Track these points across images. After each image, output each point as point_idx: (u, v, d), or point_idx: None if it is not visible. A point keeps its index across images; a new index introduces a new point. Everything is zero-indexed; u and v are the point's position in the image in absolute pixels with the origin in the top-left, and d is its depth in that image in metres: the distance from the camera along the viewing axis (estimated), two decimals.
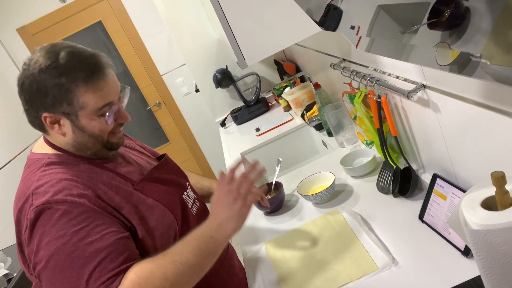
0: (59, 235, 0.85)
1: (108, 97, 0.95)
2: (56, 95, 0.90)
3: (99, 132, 0.98)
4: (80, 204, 0.88)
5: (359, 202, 1.33)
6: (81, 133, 0.97)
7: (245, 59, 1.35)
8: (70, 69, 0.90)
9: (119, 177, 1.02)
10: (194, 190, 1.26)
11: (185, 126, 4.04)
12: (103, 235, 0.87)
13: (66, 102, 0.91)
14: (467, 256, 0.93)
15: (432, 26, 0.54)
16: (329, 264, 1.10)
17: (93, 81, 0.91)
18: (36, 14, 3.58)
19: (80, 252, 0.85)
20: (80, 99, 0.91)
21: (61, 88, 0.90)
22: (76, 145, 0.99)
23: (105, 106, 0.95)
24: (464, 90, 0.84)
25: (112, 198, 0.95)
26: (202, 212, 1.22)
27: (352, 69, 1.41)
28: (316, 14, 0.95)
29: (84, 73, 0.91)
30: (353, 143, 1.71)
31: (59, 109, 0.92)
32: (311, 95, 2.29)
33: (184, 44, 2.90)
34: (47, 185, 0.90)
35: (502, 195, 0.58)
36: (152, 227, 0.99)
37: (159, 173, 1.12)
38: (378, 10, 0.68)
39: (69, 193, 0.89)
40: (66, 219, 0.86)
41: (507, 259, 0.57)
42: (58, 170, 0.95)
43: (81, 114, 0.93)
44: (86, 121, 0.95)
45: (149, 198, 1.02)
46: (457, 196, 0.98)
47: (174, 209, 1.06)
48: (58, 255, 0.85)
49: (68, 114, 0.93)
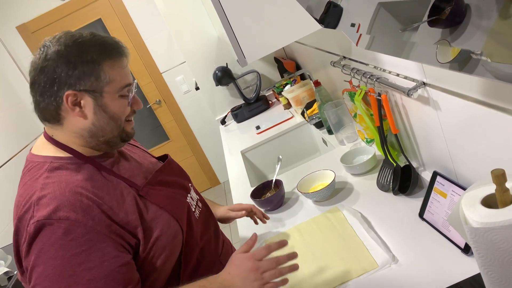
0: (58, 256, 0.82)
1: (128, 77, 0.97)
2: (84, 69, 0.89)
3: (120, 114, 0.96)
4: (83, 224, 0.84)
5: (359, 200, 1.33)
6: (103, 113, 0.94)
7: (245, 57, 1.35)
8: (96, 44, 0.91)
9: (124, 182, 0.98)
10: (196, 191, 1.23)
11: (185, 124, 4.04)
12: (103, 261, 0.84)
13: (94, 76, 0.90)
14: (467, 253, 0.93)
15: (433, 23, 0.54)
16: (329, 261, 1.10)
17: (117, 57, 0.93)
18: (36, 11, 3.58)
19: (77, 278, 0.82)
20: (107, 74, 0.91)
21: (89, 62, 0.89)
22: (93, 129, 0.95)
23: (128, 84, 0.96)
24: (464, 88, 0.84)
25: (118, 213, 0.91)
26: (205, 215, 1.19)
27: (352, 67, 1.41)
28: (317, 11, 0.95)
29: (109, 49, 0.92)
30: (353, 141, 1.71)
31: (84, 85, 0.90)
32: (311, 93, 2.29)
33: (184, 42, 2.90)
34: (50, 196, 0.86)
35: (502, 193, 0.58)
36: (157, 237, 0.95)
37: (163, 176, 1.09)
38: (379, 7, 0.68)
39: (73, 209, 0.85)
40: (67, 240, 0.82)
41: (507, 257, 0.57)
42: (63, 178, 0.90)
43: (106, 90, 0.92)
44: (110, 99, 0.94)
45: (153, 205, 0.99)
46: (457, 194, 0.98)
47: (179, 215, 1.03)
48: (54, 277, 0.81)
49: (92, 91, 0.91)
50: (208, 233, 1.15)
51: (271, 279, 0.92)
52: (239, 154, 2.26)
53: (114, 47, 0.93)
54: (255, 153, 2.29)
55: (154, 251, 0.95)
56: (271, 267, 0.93)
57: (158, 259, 0.96)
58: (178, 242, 1.01)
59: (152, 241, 0.95)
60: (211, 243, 1.15)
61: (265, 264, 0.93)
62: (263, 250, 0.96)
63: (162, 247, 0.96)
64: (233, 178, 2.01)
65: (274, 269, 0.93)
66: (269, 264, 0.93)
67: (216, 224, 1.24)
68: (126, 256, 0.89)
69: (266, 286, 0.92)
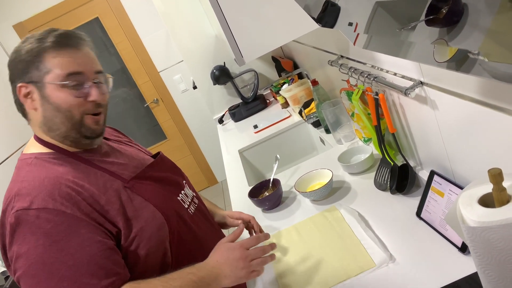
0: (39, 244, 0.82)
1: (76, 66, 0.93)
2: (27, 60, 0.92)
3: (65, 105, 0.93)
4: (61, 212, 0.85)
5: (357, 199, 1.33)
6: (47, 105, 0.93)
7: (242, 56, 1.35)
8: (43, 37, 0.93)
9: (108, 175, 0.99)
10: (192, 188, 1.23)
11: (183, 123, 4.04)
12: (84, 246, 0.84)
13: (35, 66, 0.92)
14: (464, 252, 0.93)
15: (430, 23, 0.54)
16: (327, 261, 1.10)
17: (62, 46, 0.93)
18: (33, 10, 3.56)
19: (59, 265, 0.82)
20: (48, 64, 0.92)
21: (31, 53, 0.92)
22: (46, 122, 0.95)
23: (72, 74, 0.93)
24: (461, 87, 0.84)
25: (98, 200, 0.92)
26: (202, 211, 1.19)
27: (350, 66, 1.41)
28: (314, 10, 0.95)
29: (55, 40, 0.93)
30: (351, 140, 1.71)
31: (29, 77, 0.93)
32: (309, 92, 2.29)
33: (181, 41, 2.89)
34: (29, 187, 0.88)
35: (499, 192, 0.58)
36: (141, 228, 0.96)
37: (154, 171, 1.09)
38: (376, 7, 0.68)
39: (52, 198, 0.86)
40: (46, 228, 0.83)
41: (504, 256, 0.57)
42: (43, 169, 0.92)
43: (47, 80, 0.92)
44: (51, 89, 0.92)
45: (138, 196, 0.99)
46: (455, 193, 0.99)
47: (166, 209, 1.02)
48: (37, 264, 0.82)
49: (36, 82, 0.93)
50: (204, 230, 1.15)
51: (257, 267, 0.98)
52: (236, 153, 2.25)
53: (62, 37, 0.94)
54: (253, 152, 2.29)
55: (138, 242, 0.95)
56: (258, 256, 0.99)
57: (143, 250, 0.96)
58: (163, 235, 1.00)
59: (135, 231, 0.95)
60: (207, 240, 1.14)
61: (252, 252, 0.99)
62: (252, 240, 1.01)
63: (147, 238, 0.96)
64: (231, 177, 2.00)
65: (262, 258, 0.99)
66: (256, 253, 0.99)
67: (213, 221, 1.24)
68: (108, 241, 0.89)
69: (253, 273, 0.97)
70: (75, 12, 3.61)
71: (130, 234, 0.94)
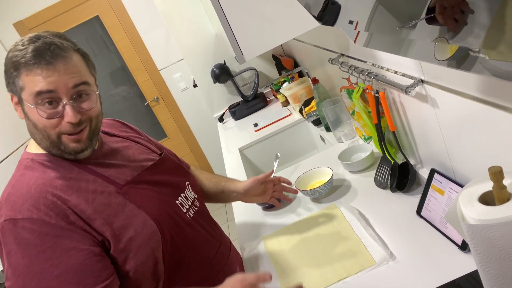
0: (26, 255, 0.83)
1: (46, 84, 0.87)
2: (8, 72, 0.90)
3: (40, 125, 0.90)
4: (46, 222, 0.85)
5: (357, 197, 1.33)
6: (28, 120, 0.93)
7: (243, 54, 1.35)
8: (23, 49, 0.88)
9: (101, 179, 0.97)
10: (195, 189, 1.19)
11: (183, 122, 4.04)
12: (70, 256, 0.85)
13: (12, 81, 0.90)
14: (465, 250, 0.93)
15: (431, 21, 0.54)
16: (327, 259, 1.11)
17: (34, 64, 0.87)
18: (33, 8, 3.56)
19: (46, 275, 0.83)
20: (21, 81, 0.89)
21: (12, 65, 0.89)
22: (31, 134, 0.96)
23: (40, 93, 0.87)
24: (462, 85, 0.84)
25: (84, 209, 0.90)
26: (201, 215, 1.16)
27: (350, 64, 1.41)
28: (314, 8, 0.95)
29: (30, 55, 0.87)
30: (351, 138, 1.71)
31: (11, 89, 0.92)
32: (309, 90, 2.29)
33: (182, 39, 2.89)
34: (17, 194, 0.88)
35: (499, 190, 0.58)
36: (130, 238, 0.94)
37: (151, 175, 1.06)
38: (377, 4, 0.68)
39: (36, 207, 0.86)
40: (32, 238, 0.84)
41: (504, 254, 0.57)
42: (34, 173, 0.92)
43: (23, 96, 0.90)
44: (27, 107, 0.90)
45: (131, 204, 0.97)
46: (455, 191, 0.99)
47: (159, 216, 1.00)
48: (24, 276, 0.83)
49: (17, 96, 0.92)
50: (201, 235, 1.13)
51: None
52: (237, 152, 2.25)
53: (38, 53, 0.87)
54: (253, 150, 2.29)
55: (128, 251, 0.94)
56: None
57: (133, 260, 0.94)
58: (155, 243, 0.98)
59: (124, 241, 0.93)
60: (204, 245, 1.13)
61: None
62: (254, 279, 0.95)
63: (137, 248, 0.95)
64: (231, 175, 2.00)
65: None
66: None
67: (213, 225, 1.22)
68: (94, 249, 0.89)
69: None
70: (75, 10, 3.61)
71: (119, 245, 0.93)
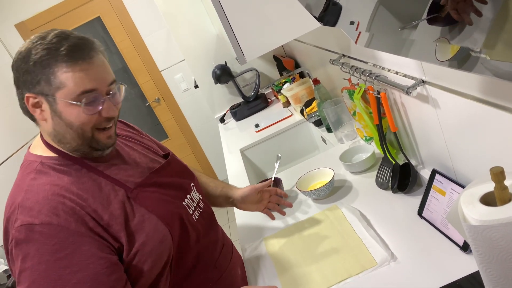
0: (43, 261, 0.82)
1: (90, 82, 0.87)
2: (36, 71, 0.85)
3: (77, 122, 0.89)
4: (65, 227, 0.84)
5: (358, 197, 1.33)
6: (59, 120, 0.89)
7: (244, 55, 1.35)
8: (54, 46, 0.85)
9: (113, 183, 0.96)
10: (200, 190, 1.19)
11: (184, 122, 4.04)
12: (88, 264, 0.84)
13: (44, 79, 0.85)
14: (466, 251, 0.93)
15: (432, 21, 0.54)
16: (328, 259, 1.10)
17: (75, 60, 0.85)
18: (35, 9, 3.57)
19: (63, 282, 0.81)
20: (59, 78, 0.85)
21: (41, 64, 0.85)
22: (57, 135, 0.92)
23: (85, 92, 0.86)
24: (463, 86, 0.84)
25: (101, 215, 0.90)
26: (206, 216, 1.15)
27: (351, 65, 1.41)
28: (316, 9, 0.95)
29: (67, 51, 0.84)
30: (352, 139, 1.71)
31: (39, 88, 0.87)
32: (310, 91, 2.29)
33: (183, 40, 2.89)
34: (33, 199, 0.86)
35: (501, 191, 0.58)
36: (142, 242, 0.93)
37: (159, 177, 1.06)
38: (378, 5, 0.68)
39: (55, 214, 0.84)
40: (50, 244, 0.82)
41: (505, 255, 0.57)
42: (48, 178, 0.90)
43: (59, 96, 0.86)
44: (63, 105, 0.87)
45: (142, 208, 0.96)
46: (456, 191, 0.98)
47: (169, 219, 1.00)
48: (40, 281, 0.81)
49: (46, 95, 0.87)
50: (206, 236, 1.12)
51: None
52: (238, 152, 2.26)
53: (76, 48, 0.86)
54: (254, 151, 2.29)
55: (140, 256, 0.93)
56: None
57: (145, 264, 0.94)
58: (166, 247, 0.98)
59: (137, 246, 0.93)
60: (209, 247, 1.13)
61: None
62: None
63: (148, 253, 0.94)
64: (232, 176, 2.01)
65: None
66: None
67: (217, 226, 1.22)
68: (111, 257, 0.88)
69: None
70: (76, 11, 3.62)
71: (132, 249, 0.92)
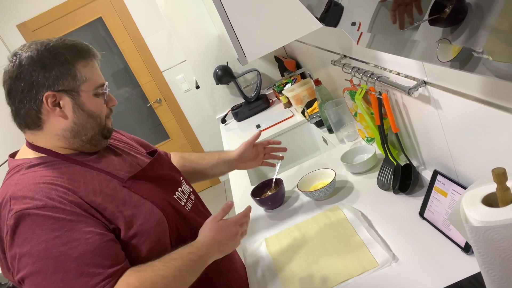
0: (42, 240, 0.84)
1: (102, 77, 1.02)
2: (60, 69, 0.93)
3: (98, 112, 1.00)
4: (61, 208, 0.87)
5: (360, 198, 1.33)
6: (81, 112, 0.98)
7: (245, 56, 1.35)
8: (68, 47, 0.96)
9: (104, 174, 1.00)
10: (189, 183, 1.25)
11: (186, 123, 4.04)
12: (87, 239, 0.86)
13: (71, 76, 0.94)
14: (468, 252, 0.93)
15: (433, 22, 0.54)
16: (329, 260, 1.10)
17: (90, 58, 0.99)
18: (37, 10, 3.57)
19: (64, 258, 0.84)
20: (82, 73, 0.96)
21: (64, 63, 0.93)
22: (75, 128, 0.98)
23: (101, 85, 1.01)
24: (465, 87, 0.84)
25: (94, 199, 0.93)
26: (198, 207, 1.21)
27: (353, 66, 1.41)
28: (317, 10, 0.95)
29: (81, 51, 0.97)
30: (354, 139, 1.71)
31: (62, 85, 0.93)
32: (312, 91, 2.29)
33: (184, 41, 2.90)
34: (25, 189, 0.88)
35: (503, 192, 0.58)
36: (140, 224, 0.98)
37: (151, 171, 1.10)
38: (379, 6, 0.68)
39: (49, 196, 0.87)
40: (47, 224, 0.85)
41: (507, 256, 0.57)
42: (38, 172, 0.93)
43: (83, 88, 0.96)
44: (86, 97, 0.97)
45: (136, 195, 1.01)
46: (458, 192, 0.98)
47: (163, 206, 1.04)
48: (42, 261, 0.83)
49: (70, 91, 0.95)
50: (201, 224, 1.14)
51: (241, 238, 1.09)
52: None
53: (85, 49, 0.98)
54: None
55: (140, 236, 0.97)
56: (245, 228, 1.11)
57: (143, 245, 0.98)
58: (163, 230, 1.02)
59: (136, 227, 0.97)
60: None
61: (244, 228, 1.10)
62: (243, 216, 1.09)
63: (147, 233, 0.98)
64: (233, 177, 2.00)
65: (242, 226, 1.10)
66: (245, 227, 1.10)
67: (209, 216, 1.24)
68: (109, 234, 0.91)
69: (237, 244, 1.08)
70: (78, 12, 3.62)
71: (131, 231, 0.96)
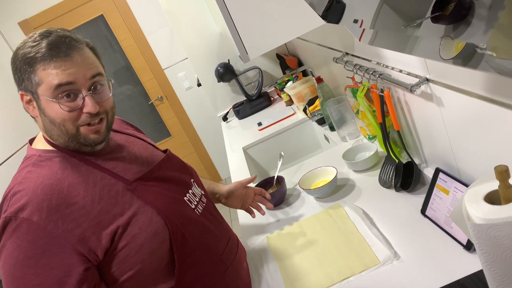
0: (14, 255, 0.85)
1: (65, 76, 0.89)
2: (22, 69, 0.90)
3: (58, 119, 0.91)
4: (43, 227, 0.85)
5: (361, 196, 1.33)
6: (44, 117, 0.92)
7: (247, 53, 1.35)
8: (36, 44, 0.89)
9: (110, 176, 0.97)
10: (201, 186, 1.20)
11: (187, 121, 4.04)
12: (52, 268, 0.85)
13: (27, 77, 0.90)
14: (470, 250, 0.93)
15: (436, 19, 0.54)
16: (331, 258, 1.10)
17: (51, 57, 0.88)
18: (38, 7, 3.57)
19: (25, 282, 0.85)
20: (38, 75, 0.89)
21: (25, 62, 0.89)
22: (47, 131, 0.96)
23: (60, 85, 0.88)
24: (468, 84, 0.84)
25: (90, 211, 0.90)
26: (209, 210, 1.16)
27: (355, 63, 1.40)
28: (319, 7, 0.94)
29: (46, 49, 0.88)
30: (356, 137, 1.71)
31: (25, 86, 0.92)
32: (314, 89, 2.28)
33: (186, 38, 2.89)
34: (23, 192, 0.88)
35: (505, 189, 0.58)
36: (134, 235, 0.94)
37: (160, 171, 1.07)
38: (382, 3, 0.68)
39: (39, 209, 0.86)
40: (25, 240, 0.85)
41: (509, 253, 0.57)
42: (42, 171, 0.92)
43: (40, 92, 0.90)
44: (44, 101, 0.90)
45: (139, 200, 0.97)
46: (460, 190, 0.98)
47: (168, 212, 1.00)
48: (7, 275, 0.86)
49: (32, 93, 0.91)
50: (210, 230, 1.12)
51: None
52: (241, 151, 2.26)
53: (53, 46, 0.89)
54: (257, 149, 2.29)
55: (130, 249, 0.94)
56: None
57: (135, 257, 0.94)
58: (160, 240, 0.98)
59: (127, 239, 0.93)
60: (214, 240, 1.13)
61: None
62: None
63: (139, 245, 0.94)
64: (235, 174, 2.01)
65: None
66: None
67: (222, 220, 1.22)
68: (80, 265, 0.88)
69: None
70: (80, 9, 3.62)
71: (121, 242, 0.93)
